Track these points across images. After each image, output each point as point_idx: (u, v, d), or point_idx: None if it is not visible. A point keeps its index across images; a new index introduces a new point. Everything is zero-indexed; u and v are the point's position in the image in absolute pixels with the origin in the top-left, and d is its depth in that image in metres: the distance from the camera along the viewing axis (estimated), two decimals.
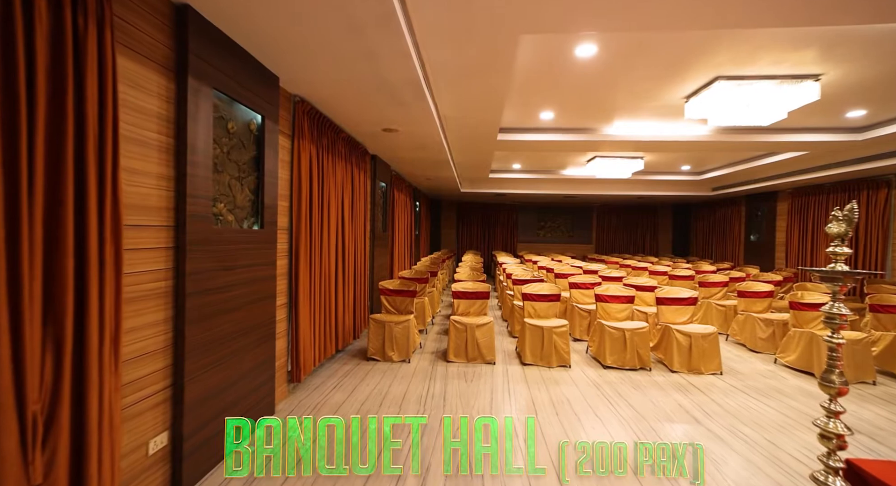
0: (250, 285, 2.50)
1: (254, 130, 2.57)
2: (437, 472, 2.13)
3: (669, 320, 4.20)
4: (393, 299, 4.48)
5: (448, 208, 12.84)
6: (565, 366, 3.99)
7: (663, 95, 4.04)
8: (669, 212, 12.37)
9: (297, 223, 3.19)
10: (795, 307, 4.09)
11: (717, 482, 2.10)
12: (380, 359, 4.07)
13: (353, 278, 4.51)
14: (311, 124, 3.40)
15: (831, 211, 1.82)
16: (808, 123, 4.88)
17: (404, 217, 7.54)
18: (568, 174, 8.92)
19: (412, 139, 4.59)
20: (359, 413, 2.87)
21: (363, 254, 4.92)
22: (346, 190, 4.27)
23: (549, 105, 4.40)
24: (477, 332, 4.04)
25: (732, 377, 3.77)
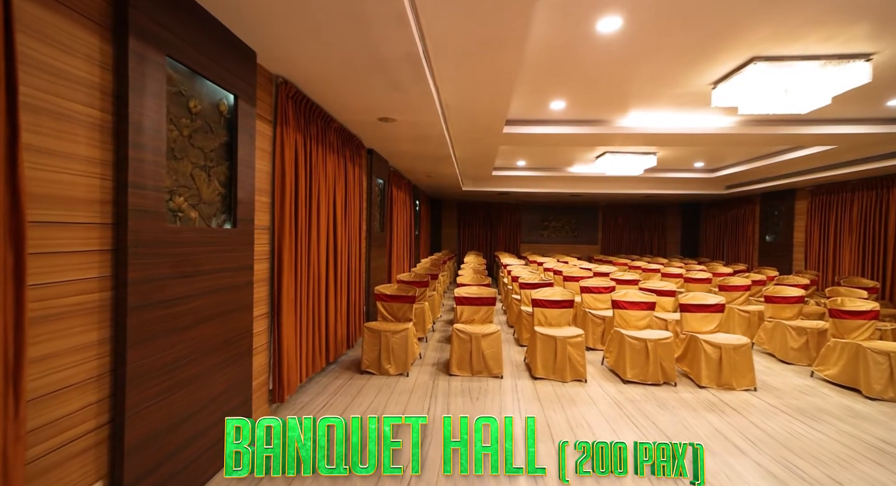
0: (219, 294, 2.12)
1: (225, 111, 2.19)
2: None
3: (694, 329, 3.81)
4: (390, 305, 4.09)
5: (449, 207, 12.46)
6: (581, 380, 3.60)
7: (688, 80, 3.65)
8: (678, 211, 11.98)
9: (281, 221, 2.81)
10: (836, 316, 3.70)
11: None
12: (375, 372, 3.68)
13: (346, 283, 4.13)
14: (296, 110, 3.02)
15: (856, 209, 1.57)
16: (841, 113, 4.49)
17: (403, 216, 7.17)
18: (574, 172, 8.54)
19: (411, 130, 4.21)
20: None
21: (358, 256, 4.54)
22: (338, 185, 3.89)
23: (562, 92, 4.01)
24: (483, 343, 3.66)
25: (768, 394, 3.38)
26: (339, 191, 3.93)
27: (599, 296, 4.91)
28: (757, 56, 3.15)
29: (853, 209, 6.70)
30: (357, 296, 4.49)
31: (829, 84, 3.16)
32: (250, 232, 2.40)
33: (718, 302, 3.80)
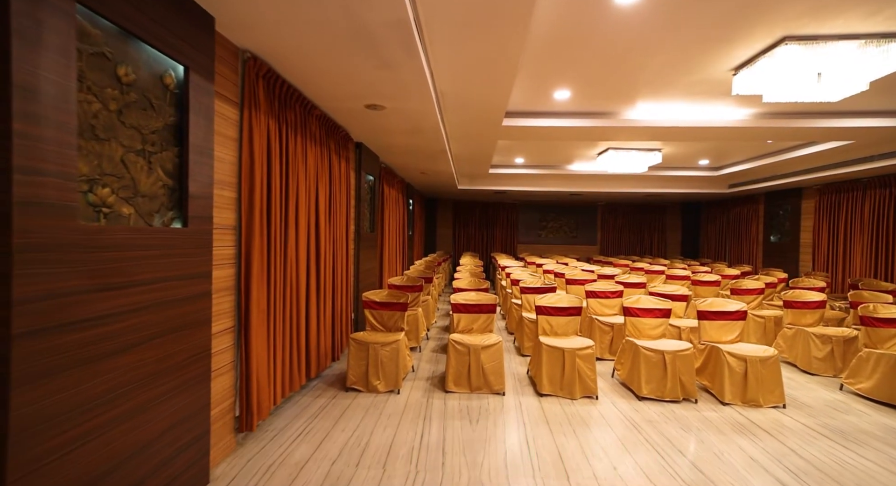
0: (163, 309, 1.72)
1: (171, 85, 1.80)
2: None
3: (714, 339, 3.47)
4: (380, 313, 3.70)
5: (444, 207, 12.09)
6: (591, 397, 3.24)
7: (707, 65, 3.32)
8: (678, 211, 11.71)
9: (249, 220, 2.41)
10: (868, 323, 3.38)
11: None
12: (362, 389, 3.29)
13: (331, 288, 3.74)
14: (269, 92, 2.63)
15: (868, 208, 1.35)
16: (863, 104, 4.19)
17: (395, 216, 6.78)
18: (575, 170, 8.21)
19: (403, 121, 3.82)
20: (327, 480, 2.10)
21: (345, 258, 4.15)
22: (321, 181, 3.50)
23: (568, 80, 3.66)
24: (483, 355, 3.29)
25: (799, 411, 3.04)
26: (323, 187, 3.54)
27: (606, 301, 4.56)
28: (789, 35, 2.81)
29: (864, 208, 6.44)
30: (344, 303, 4.10)
31: (868, 68, 2.84)
32: (207, 232, 2.00)
33: (739, 309, 3.46)
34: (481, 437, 2.58)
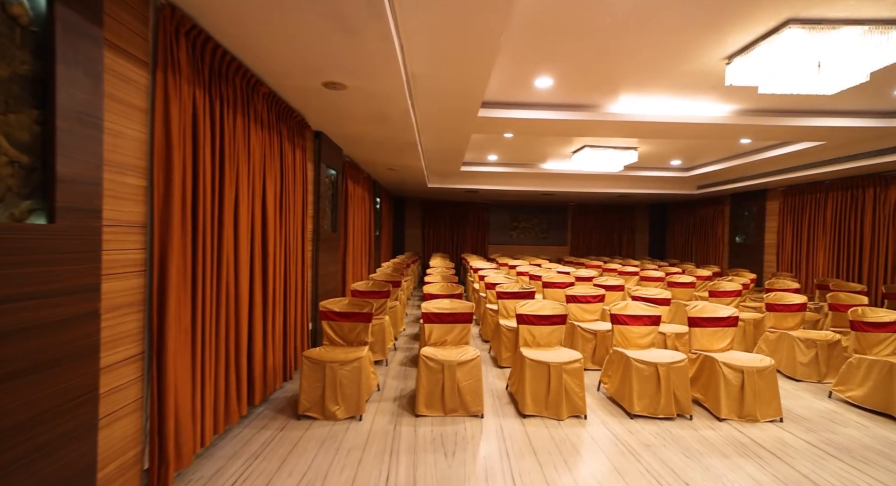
0: (11, 343, 1.19)
1: (23, 20, 1.26)
2: None
3: (705, 347, 3.24)
4: (339, 325, 3.21)
5: (413, 206, 11.62)
6: (580, 416, 2.91)
7: (699, 53, 3.08)
8: (646, 212, 11.83)
9: (165, 216, 1.88)
10: (859, 328, 3.25)
11: None
12: (318, 417, 2.79)
13: (282, 297, 3.21)
14: (195, 56, 2.09)
15: (830, 210, 1.24)
16: (838, 104, 4.13)
17: (361, 214, 6.26)
18: (548, 169, 7.98)
19: (368, 104, 3.35)
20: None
21: (300, 262, 3.62)
22: (271, 172, 2.97)
23: (551, 66, 3.33)
24: (458, 372, 2.87)
25: (797, 426, 2.84)
26: (273, 178, 3.01)
27: (587, 306, 4.28)
28: (794, 18, 2.59)
29: (827, 210, 6.57)
30: (299, 313, 3.57)
31: (869, 57, 2.66)
32: (91, 231, 1.47)
33: (731, 314, 3.25)
34: (459, 475, 2.16)
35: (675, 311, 4.95)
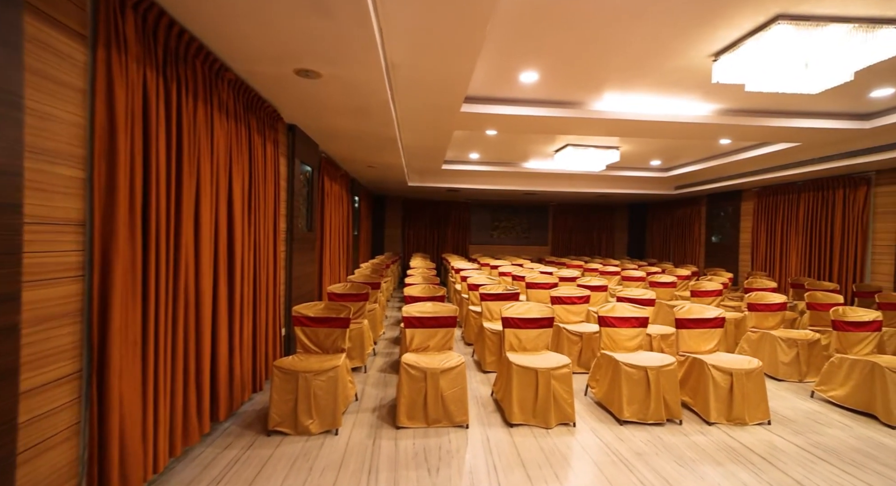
0: None
1: None
2: None
3: (693, 349, 3.18)
4: (314, 331, 3.00)
5: (393, 205, 11.39)
6: (568, 424, 2.79)
7: (685, 49, 3.02)
8: (625, 212, 11.97)
9: (109, 212, 1.64)
10: (840, 328, 3.27)
11: None
12: (290, 432, 2.58)
13: (251, 301, 2.97)
14: (145, 33, 1.85)
15: (802, 210, 1.23)
16: (814, 106, 4.19)
17: (339, 213, 6.01)
18: (530, 168, 7.92)
19: (345, 94, 3.14)
20: None
21: (272, 263, 3.38)
22: (238, 166, 2.73)
23: (537, 60, 3.21)
24: (442, 380, 2.71)
25: (784, 428, 2.81)
26: (240, 173, 2.77)
27: (573, 307, 4.19)
28: (783, 14, 2.54)
29: (799, 210, 6.73)
30: (271, 318, 3.33)
31: (854, 56, 2.65)
32: (8, 229, 1.23)
33: (718, 316, 3.21)
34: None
35: (658, 311, 4.94)
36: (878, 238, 5.68)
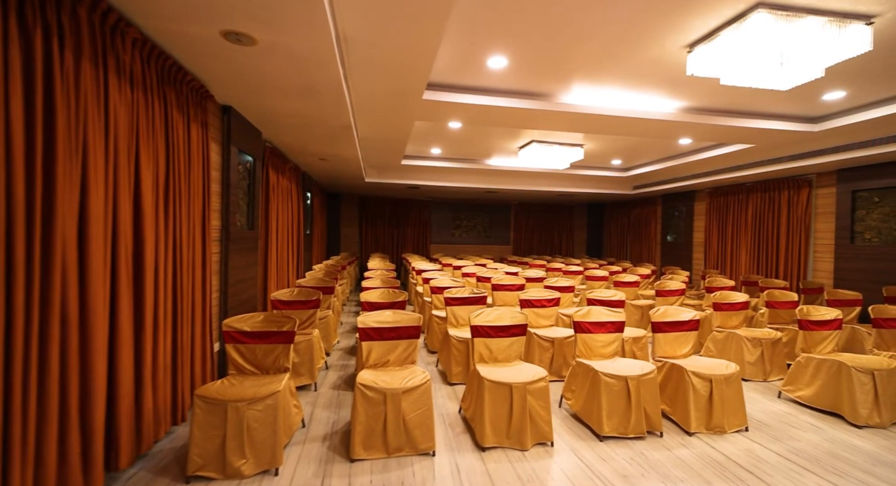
0: None
1: None
2: None
3: (669, 354, 3.04)
4: (251, 348, 2.52)
5: (349, 203, 10.80)
6: (546, 443, 2.52)
7: (662, 37, 2.87)
8: (584, 211, 12.14)
9: None
10: (806, 327, 3.25)
11: None
12: (216, 476, 2.10)
13: (169, 315, 2.44)
14: None
15: (751, 211, 1.20)
16: (774, 107, 4.25)
17: (288, 210, 5.44)
18: (493, 165, 7.70)
19: (289, 67, 2.67)
20: None
21: (201, 267, 2.85)
22: (147, 148, 2.20)
23: (506, 43, 2.93)
24: (404, 402, 2.34)
25: (762, 434, 2.71)
26: (150, 156, 2.24)
27: (542, 310, 3.96)
28: (763, 2, 2.41)
29: (748, 211, 7.01)
30: (199, 333, 2.79)
31: (825, 51, 2.59)
32: None
33: (693, 317, 3.08)
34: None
35: (626, 311, 4.85)
36: (819, 237, 5.98)
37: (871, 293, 5.08)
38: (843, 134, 4.60)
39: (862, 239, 5.42)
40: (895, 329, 3.36)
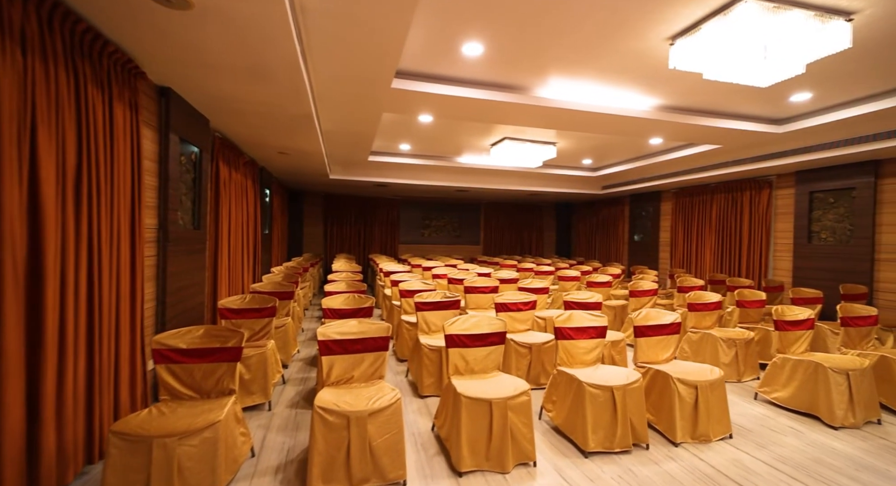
0: None
1: None
2: None
3: (651, 359, 2.91)
4: (188, 369, 2.14)
5: (313, 201, 10.28)
6: (528, 464, 2.30)
7: (644, 29, 2.75)
8: (553, 211, 12.18)
9: None
10: (781, 327, 3.23)
11: None
12: None
13: (84, 332, 2.02)
14: None
15: (715, 211, 1.16)
16: (743, 108, 4.27)
17: (242, 208, 4.97)
18: (464, 162, 7.49)
19: (234, 39, 2.30)
20: None
21: (129, 273, 2.42)
22: (47, 129, 1.79)
23: (483, 27, 2.71)
24: (370, 426, 2.05)
25: (746, 441, 2.62)
26: (52, 140, 1.83)
27: (518, 314, 3.76)
28: None
29: (712, 211, 7.17)
30: (126, 352, 2.36)
31: (808, 47, 2.53)
32: None
33: (674, 321, 2.97)
34: None
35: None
36: (779, 236, 6.18)
37: (826, 291, 5.25)
38: (805, 136, 4.72)
39: (818, 239, 5.62)
40: (862, 327, 3.41)
